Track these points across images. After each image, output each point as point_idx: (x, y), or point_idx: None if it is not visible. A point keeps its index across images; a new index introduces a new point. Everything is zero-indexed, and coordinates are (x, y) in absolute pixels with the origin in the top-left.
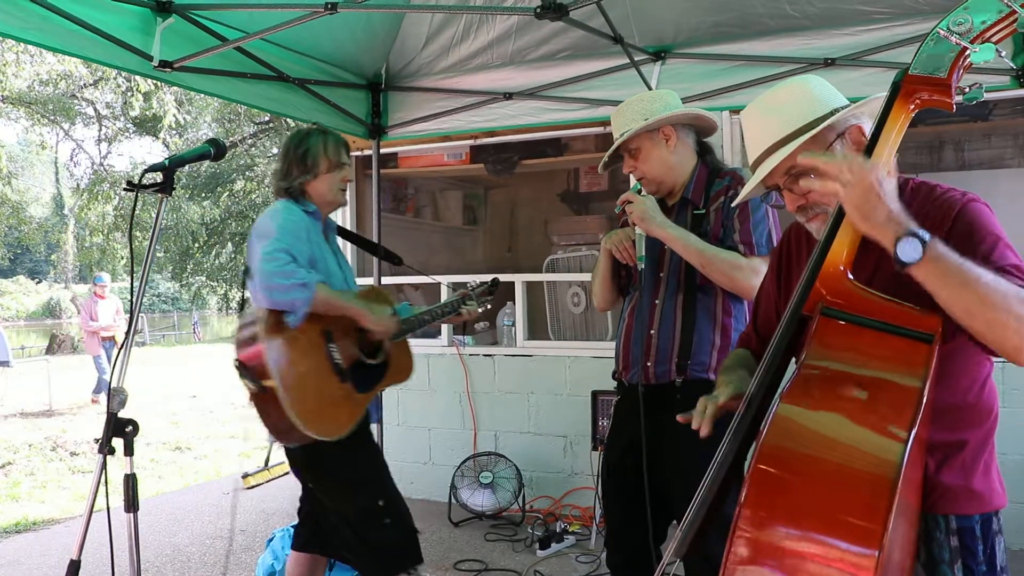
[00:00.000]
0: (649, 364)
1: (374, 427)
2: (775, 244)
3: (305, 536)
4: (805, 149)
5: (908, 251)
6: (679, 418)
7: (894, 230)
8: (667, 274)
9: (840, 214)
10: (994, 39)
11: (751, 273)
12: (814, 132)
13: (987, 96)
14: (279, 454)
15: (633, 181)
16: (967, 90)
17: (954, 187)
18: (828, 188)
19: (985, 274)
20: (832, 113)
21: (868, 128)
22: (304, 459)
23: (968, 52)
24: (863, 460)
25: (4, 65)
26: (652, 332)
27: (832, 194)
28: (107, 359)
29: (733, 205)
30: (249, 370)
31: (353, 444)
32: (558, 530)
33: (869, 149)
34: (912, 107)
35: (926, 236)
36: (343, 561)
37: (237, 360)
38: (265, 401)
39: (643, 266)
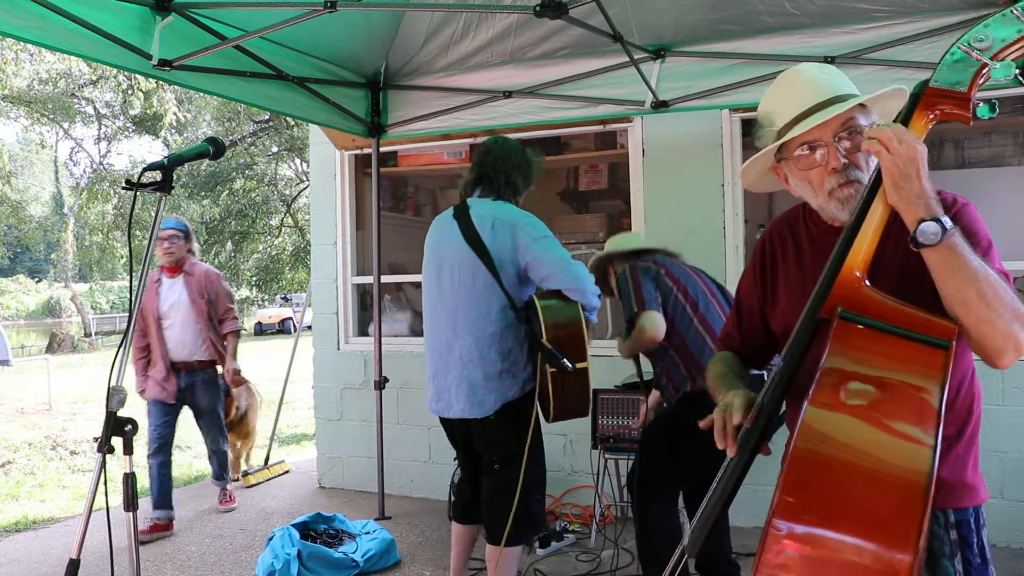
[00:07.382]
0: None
1: (374, 424)
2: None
3: (464, 505)
4: (869, 102)
5: (928, 233)
6: (701, 424)
7: (922, 209)
8: None
9: (858, 220)
10: (1012, 57)
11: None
12: (875, 95)
13: (987, 95)
14: (278, 453)
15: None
16: (980, 104)
17: (943, 190)
18: (873, 148)
19: (991, 273)
20: None
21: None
22: (512, 430)
23: (988, 68)
24: (894, 466)
25: (4, 64)
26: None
27: (877, 153)
28: None
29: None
30: (566, 354)
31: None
32: (558, 529)
33: None
34: (932, 117)
35: (948, 224)
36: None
37: (552, 344)
38: (573, 379)
39: None
